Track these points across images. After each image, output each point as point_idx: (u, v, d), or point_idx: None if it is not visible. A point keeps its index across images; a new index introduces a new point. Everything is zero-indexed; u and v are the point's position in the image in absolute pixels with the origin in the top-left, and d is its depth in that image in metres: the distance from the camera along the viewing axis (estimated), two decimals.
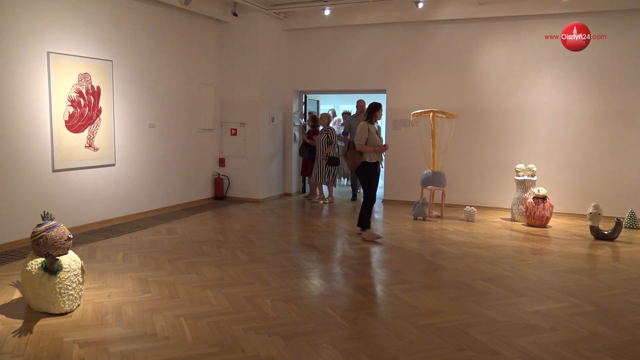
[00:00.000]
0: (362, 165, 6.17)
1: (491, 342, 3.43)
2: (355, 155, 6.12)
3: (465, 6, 8.25)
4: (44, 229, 3.85)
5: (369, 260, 5.50)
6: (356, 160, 6.14)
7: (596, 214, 6.49)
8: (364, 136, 6.11)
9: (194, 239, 6.25)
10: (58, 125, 6.09)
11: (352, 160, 6.17)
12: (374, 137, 6.17)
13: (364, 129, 6.14)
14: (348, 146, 6.26)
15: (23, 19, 5.64)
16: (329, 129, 8.89)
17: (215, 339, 3.42)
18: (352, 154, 6.14)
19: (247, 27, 8.84)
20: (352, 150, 6.14)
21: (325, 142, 8.82)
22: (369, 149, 6.10)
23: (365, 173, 6.22)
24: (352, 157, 6.15)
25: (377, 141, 6.20)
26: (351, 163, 6.20)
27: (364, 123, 6.22)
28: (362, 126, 6.18)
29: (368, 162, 6.16)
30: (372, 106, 6.34)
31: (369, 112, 6.31)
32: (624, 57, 7.55)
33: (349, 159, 6.20)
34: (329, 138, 8.79)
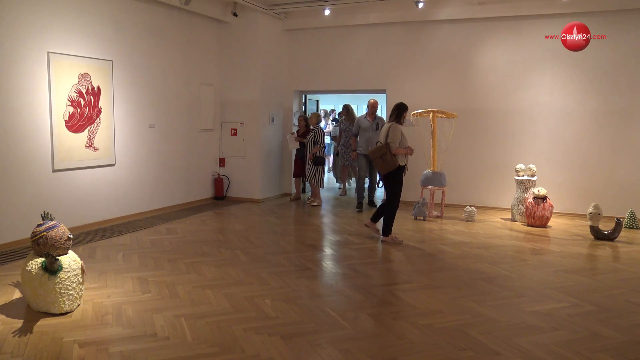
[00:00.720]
0: (397, 168, 5.92)
1: (491, 342, 3.43)
2: (392, 158, 5.86)
3: (465, 6, 8.25)
4: (44, 229, 3.85)
5: (369, 260, 5.49)
6: (392, 163, 5.87)
7: (596, 214, 6.49)
8: (398, 138, 5.87)
9: (194, 239, 6.25)
10: (58, 125, 6.09)
11: (388, 164, 5.87)
12: (405, 140, 5.98)
13: (397, 131, 5.89)
14: (384, 149, 5.88)
15: (23, 19, 5.64)
16: (317, 128, 8.70)
17: (215, 339, 3.42)
18: (390, 157, 5.85)
19: (247, 27, 8.84)
20: (389, 153, 5.85)
21: (311, 141, 8.63)
22: (403, 151, 5.91)
23: (398, 177, 5.99)
24: (389, 160, 5.85)
25: (407, 143, 6.02)
26: (386, 166, 5.90)
27: (395, 124, 5.96)
28: (394, 128, 5.92)
29: (401, 166, 5.95)
30: (400, 107, 6.10)
31: (398, 113, 6.05)
32: (624, 57, 7.55)
33: (384, 162, 5.88)
34: (315, 137, 8.60)
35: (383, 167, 5.92)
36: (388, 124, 6.05)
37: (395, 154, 5.87)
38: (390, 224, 6.17)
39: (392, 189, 6.04)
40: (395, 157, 5.87)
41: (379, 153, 5.92)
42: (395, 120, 6.03)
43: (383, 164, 5.90)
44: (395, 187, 6.03)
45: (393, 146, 5.85)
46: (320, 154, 8.68)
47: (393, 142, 5.86)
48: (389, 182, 6.03)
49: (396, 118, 6.04)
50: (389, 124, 6.02)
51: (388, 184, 6.06)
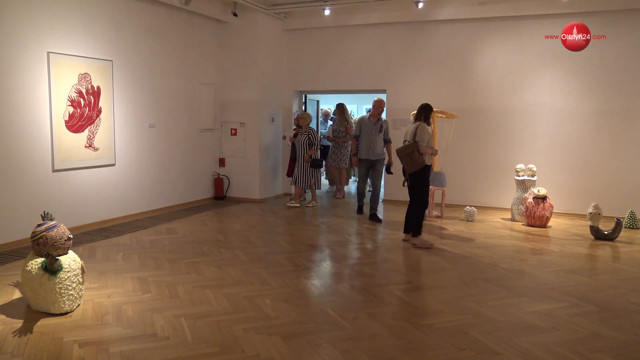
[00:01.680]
0: (424, 167, 5.84)
1: (491, 342, 3.43)
2: (420, 156, 5.77)
3: (465, 6, 8.25)
4: (44, 229, 3.85)
5: (369, 260, 5.49)
6: (420, 161, 5.79)
7: (596, 214, 6.49)
8: (426, 138, 5.82)
9: (194, 239, 6.25)
10: (58, 125, 6.09)
11: (416, 162, 5.79)
12: (431, 141, 5.97)
13: (425, 131, 5.84)
14: (412, 147, 5.80)
15: (23, 19, 5.64)
16: (310, 129, 8.45)
17: (215, 339, 3.42)
18: (418, 155, 5.76)
19: (247, 27, 8.84)
20: (417, 152, 5.76)
21: (306, 143, 8.37)
22: (430, 151, 5.88)
23: (424, 176, 5.92)
24: (417, 158, 5.76)
25: (433, 144, 6.00)
26: (413, 165, 5.81)
27: (424, 124, 5.90)
28: (423, 127, 5.86)
29: (428, 165, 5.90)
30: (426, 108, 6.06)
31: (425, 114, 6.00)
32: (624, 57, 7.55)
33: (411, 160, 5.80)
34: (310, 139, 8.36)
35: (410, 166, 5.84)
36: (415, 124, 5.96)
37: (422, 153, 5.80)
38: (420, 225, 6.06)
39: (419, 188, 5.96)
40: (422, 157, 5.81)
41: (407, 151, 5.85)
42: (423, 121, 5.97)
43: (411, 162, 5.82)
44: (423, 187, 5.96)
45: (421, 145, 5.79)
46: (316, 155, 8.55)
47: (422, 140, 5.79)
48: (416, 181, 5.94)
49: (424, 118, 5.99)
50: (417, 124, 5.93)
51: (414, 184, 5.96)
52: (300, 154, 8.45)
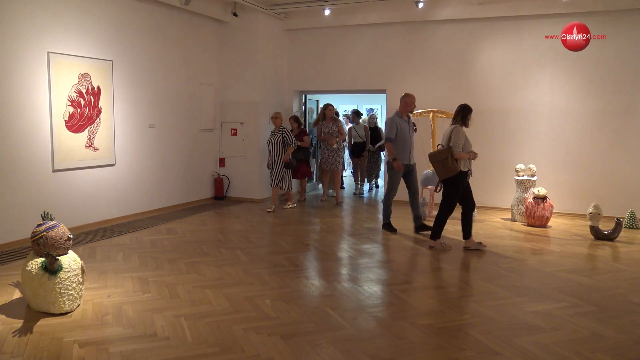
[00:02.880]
0: (458, 174, 5.59)
1: (491, 342, 3.43)
2: (453, 163, 5.53)
3: (465, 6, 8.25)
4: (44, 229, 3.85)
5: (369, 260, 5.49)
6: (453, 168, 5.54)
7: (596, 214, 6.49)
8: (461, 142, 5.56)
9: (194, 239, 6.25)
10: (58, 125, 6.09)
11: (449, 169, 5.55)
12: (469, 143, 5.69)
13: (460, 134, 5.59)
14: (445, 153, 5.58)
15: (23, 19, 5.64)
16: (284, 129, 8.11)
17: (215, 339, 3.42)
18: (451, 162, 5.53)
19: (247, 27, 8.84)
20: (451, 158, 5.53)
21: (280, 143, 8.05)
22: (466, 156, 5.60)
23: (457, 183, 5.66)
24: (450, 165, 5.53)
25: (471, 147, 5.72)
26: (446, 172, 5.59)
27: (459, 127, 5.64)
28: (458, 131, 5.60)
29: (462, 171, 5.63)
30: (465, 108, 5.75)
31: (463, 115, 5.71)
32: (624, 57, 7.55)
33: (444, 167, 5.57)
34: (285, 139, 8.05)
35: (443, 173, 5.62)
36: (451, 127, 5.70)
37: (457, 158, 5.55)
38: (440, 229, 5.91)
39: (449, 194, 5.76)
40: (456, 162, 5.55)
41: (440, 157, 5.59)
42: (460, 123, 5.70)
43: (443, 169, 5.59)
44: (453, 193, 5.72)
45: (455, 150, 5.53)
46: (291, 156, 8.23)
47: (456, 145, 5.54)
48: (450, 186, 5.72)
49: (461, 120, 5.70)
50: (452, 127, 5.68)
51: (447, 189, 5.76)
52: (274, 154, 8.12)
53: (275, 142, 8.09)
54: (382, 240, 6.41)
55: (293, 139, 8.14)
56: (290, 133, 8.15)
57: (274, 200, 8.27)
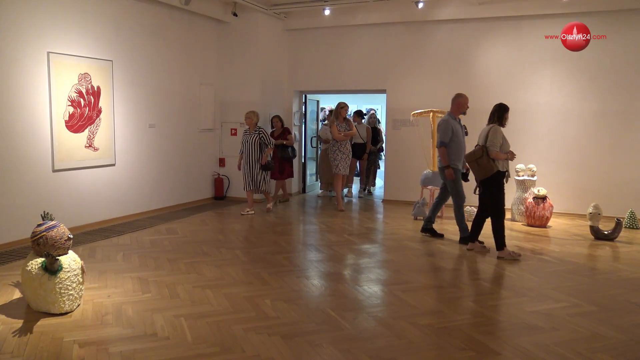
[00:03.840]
0: (496, 174, 5.42)
1: (491, 342, 3.43)
2: (489, 163, 5.36)
3: (465, 6, 8.25)
4: (44, 229, 3.85)
5: (368, 261, 5.50)
6: (489, 168, 5.38)
7: (596, 214, 6.49)
8: (498, 142, 5.39)
9: (194, 239, 6.25)
10: (58, 125, 6.09)
11: (484, 169, 5.39)
12: (507, 143, 5.49)
13: (498, 134, 5.41)
14: (480, 152, 5.41)
15: (23, 19, 5.64)
16: (259, 129, 7.72)
17: (215, 339, 3.42)
18: (487, 162, 5.36)
19: (247, 27, 8.84)
20: (486, 157, 5.37)
21: (256, 144, 7.69)
22: (503, 156, 5.42)
23: (496, 183, 5.47)
24: (485, 164, 5.37)
25: (509, 147, 5.53)
26: (481, 172, 5.43)
27: (497, 127, 5.47)
28: (495, 130, 5.43)
29: (500, 171, 5.44)
30: (502, 107, 5.56)
31: (499, 114, 5.52)
32: (624, 57, 7.55)
33: (479, 167, 5.42)
34: (262, 140, 7.69)
35: (479, 173, 5.47)
36: (488, 126, 5.53)
37: (494, 158, 5.39)
38: (502, 236, 5.55)
39: (492, 196, 5.52)
40: (493, 162, 5.38)
41: (475, 156, 5.46)
42: (497, 122, 5.54)
43: (478, 169, 5.45)
44: (496, 194, 5.51)
45: (492, 150, 5.37)
46: (269, 156, 7.88)
47: (492, 145, 5.37)
48: (487, 189, 5.53)
49: (498, 119, 5.53)
50: (490, 126, 5.51)
51: (486, 192, 5.57)
52: (249, 155, 7.74)
53: (252, 142, 7.71)
54: (382, 240, 6.41)
55: (270, 140, 7.79)
56: (267, 133, 7.80)
57: (251, 203, 7.95)
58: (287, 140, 8.67)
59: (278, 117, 8.82)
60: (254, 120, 7.72)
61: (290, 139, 8.72)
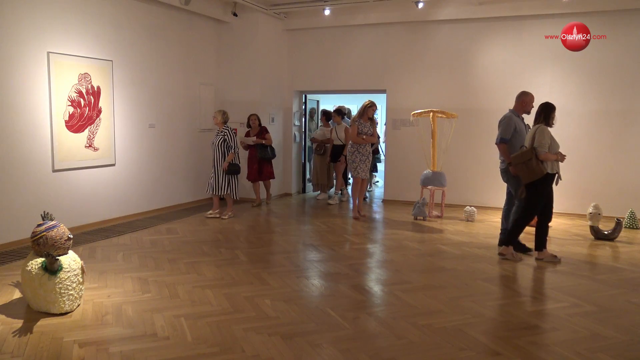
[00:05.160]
0: (544, 177, 5.20)
1: (491, 342, 3.43)
2: (538, 165, 5.15)
3: (465, 6, 8.25)
4: (44, 229, 3.85)
5: (368, 260, 5.50)
6: (538, 171, 5.15)
7: (596, 214, 6.49)
8: (547, 142, 5.19)
9: (194, 239, 6.25)
10: (58, 125, 6.09)
11: (533, 171, 5.16)
12: (556, 144, 5.29)
13: (546, 134, 5.20)
14: (529, 154, 5.19)
15: (23, 19, 5.64)
16: (225, 129, 7.31)
17: (215, 339, 3.42)
18: (536, 164, 5.14)
19: (247, 27, 8.84)
20: (535, 159, 5.14)
21: (222, 145, 7.26)
22: (553, 157, 5.23)
23: (543, 186, 5.28)
24: (535, 167, 5.14)
25: (558, 147, 5.31)
26: (530, 174, 5.19)
27: (544, 127, 5.25)
28: (542, 130, 5.22)
29: (549, 174, 5.26)
30: (548, 107, 5.33)
31: (546, 114, 5.31)
32: (624, 57, 7.55)
33: (528, 170, 5.18)
34: (227, 141, 7.25)
35: (527, 175, 5.21)
36: (535, 127, 5.31)
37: (543, 160, 5.19)
38: (516, 236, 5.48)
39: (530, 199, 5.35)
40: (542, 164, 5.18)
41: (523, 159, 5.21)
42: (543, 122, 5.32)
43: (527, 171, 5.20)
44: (536, 197, 5.32)
45: (541, 151, 5.16)
46: (235, 160, 7.39)
47: (541, 146, 5.16)
48: (533, 191, 5.32)
49: (544, 119, 5.31)
50: (537, 126, 5.29)
51: (533, 192, 5.33)
52: (216, 157, 7.33)
53: (217, 144, 7.28)
54: (382, 240, 6.41)
55: (234, 143, 7.30)
56: (233, 134, 7.29)
57: (216, 206, 7.52)
58: (266, 139, 8.36)
59: (255, 115, 8.43)
60: (219, 119, 7.29)
61: (268, 138, 8.38)
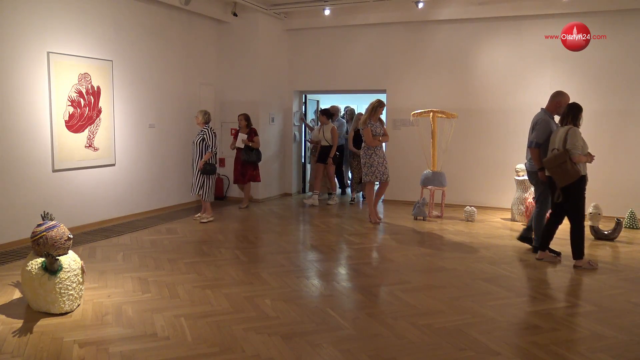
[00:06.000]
0: (580, 179, 5.09)
1: (491, 342, 3.43)
2: (574, 167, 5.02)
3: (465, 6, 8.25)
4: (44, 229, 3.85)
5: (368, 260, 5.50)
6: (574, 173, 5.02)
7: (596, 214, 6.49)
8: (580, 144, 5.07)
9: (194, 239, 6.25)
10: (58, 125, 6.09)
11: (569, 174, 5.02)
12: (586, 145, 5.16)
13: (578, 135, 5.08)
14: (564, 156, 5.04)
15: (23, 19, 5.64)
16: (205, 128, 7.06)
17: (215, 339, 3.42)
18: (571, 166, 5.01)
19: (247, 27, 8.84)
20: (570, 162, 5.01)
21: (201, 144, 7.02)
22: (585, 159, 5.11)
23: (579, 189, 5.16)
24: (570, 169, 5.01)
25: (587, 149, 5.19)
26: (566, 177, 5.05)
27: (575, 128, 5.13)
28: (574, 132, 5.08)
29: (583, 176, 5.14)
30: (575, 107, 5.20)
31: (574, 115, 5.17)
32: (624, 57, 7.55)
33: (563, 172, 5.05)
34: (206, 140, 7.00)
35: (563, 178, 5.07)
36: (566, 127, 5.17)
37: (576, 162, 5.05)
38: (582, 245, 5.26)
39: (574, 203, 5.19)
40: (576, 166, 5.05)
41: (558, 161, 5.07)
42: (572, 123, 5.18)
43: (563, 174, 5.06)
44: (579, 201, 5.19)
45: (575, 153, 5.03)
46: (212, 160, 7.15)
47: (575, 148, 5.03)
48: (570, 195, 5.17)
49: (572, 120, 5.18)
50: (567, 127, 5.15)
51: (568, 197, 5.18)
52: (195, 157, 7.13)
53: (196, 143, 7.08)
54: (382, 240, 6.41)
55: (212, 143, 7.04)
56: (211, 135, 7.06)
57: (205, 208, 7.31)
58: (253, 142, 8.02)
59: (243, 115, 8.11)
60: (200, 119, 7.07)
61: (256, 141, 8.06)
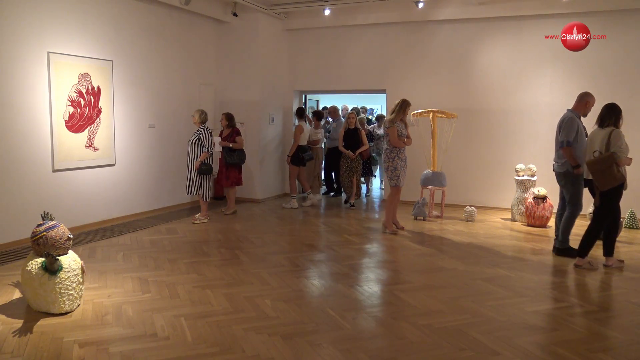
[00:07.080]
0: (622, 183, 4.94)
1: (491, 342, 3.43)
2: (619, 171, 4.86)
3: (465, 6, 8.25)
4: (44, 229, 3.85)
5: (368, 260, 5.50)
6: (619, 177, 4.87)
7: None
8: (624, 146, 4.91)
9: (194, 239, 6.25)
10: (58, 125, 6.09)
11: (614, 177, 4.85)
12: (627, 148, 4.97)
13: (622, 137, 4.91)
14: (610, 159, 4.87)
15: (23, 19, 5.64)
16: (201, 128, 7.02)
17: (215, 339, 3.42)
18: (617, 170, 4.85)
19: (247, 27, 8.84)
20: (616, 165, 4.85)
21: (196, 144, 6.99)
22: (627, 162, 4.93)
23: (619, 193, 5.02)
24: (616, 173, 4.85)
25: (628, 151, 5.00)
26: (610, 181, 4.86)
27: (618, 130, 4.98)
28: (617, 134, 4.93)
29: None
30: (616, 108, 5.06)
31: (616, 116, 5.04)
32: (624, 57, 7.55)
33: (606, 176, 4.86)
34: (201, 140, 6.96)
35: (606, 182, 4.87)
36: (608, 129, 5.01)
37: (621, 165, 4.90)
38: (591, 246, 5.19)
39: (609, 206, 5.04)
40: (622, 170, 4.90)
41: (604, 165, 4.84)
42: (614, 125, 5.03)
43: (607, 178, 4.85)
44: (615, 204, 5.06)
45: (622, 156, 4.86)
46: (208, 160, 7.11)
47: (621, 151, 4.86)
48: (609, 198, 5.01)
49: (614, 122, 5.03)
50: (610, 129, 4.98)
51: (607, 200, 5.03)
52: (190, 156, 7.09)
53: (192, 143, 7.04)
54: (382, 240, 6.41)
55: (208, 142, 7.01)
56: (207, 135, 7.01)
57: (204, 210, 7.24)
58: (235, 142, 7.64)
59: (225, 114, 7.78)
60: (197, 118, 7.06)
61: (238, 141, 7.66)
